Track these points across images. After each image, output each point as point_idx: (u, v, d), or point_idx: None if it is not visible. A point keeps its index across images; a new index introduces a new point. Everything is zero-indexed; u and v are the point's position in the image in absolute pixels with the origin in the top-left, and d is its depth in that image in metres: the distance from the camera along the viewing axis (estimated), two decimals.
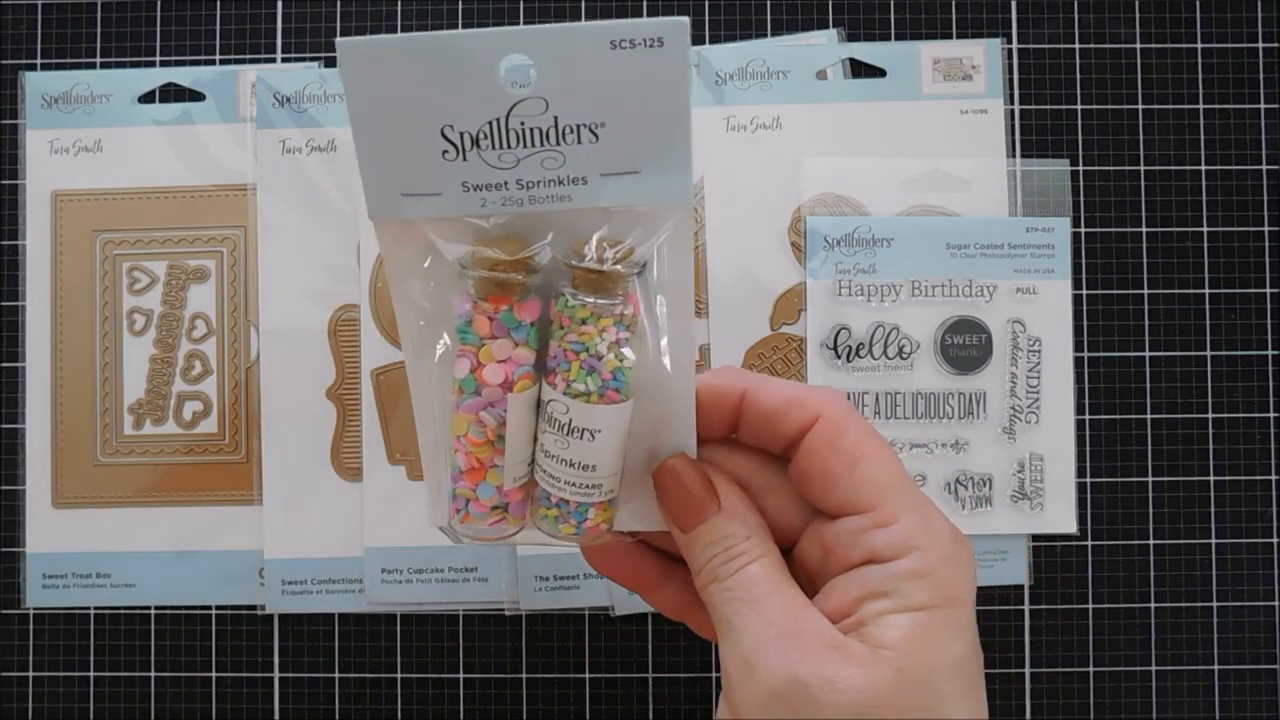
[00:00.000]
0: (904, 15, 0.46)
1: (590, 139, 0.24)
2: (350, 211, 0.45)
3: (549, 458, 0.26)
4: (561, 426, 0.25)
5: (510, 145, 0.24)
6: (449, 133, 0.24)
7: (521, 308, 0.25)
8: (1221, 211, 0.46)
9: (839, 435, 0.26)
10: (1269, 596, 0.45)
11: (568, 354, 0.25)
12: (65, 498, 0.45)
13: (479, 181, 0.24)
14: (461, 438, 0.26)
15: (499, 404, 0.26)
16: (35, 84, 0.46)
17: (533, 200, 0.25)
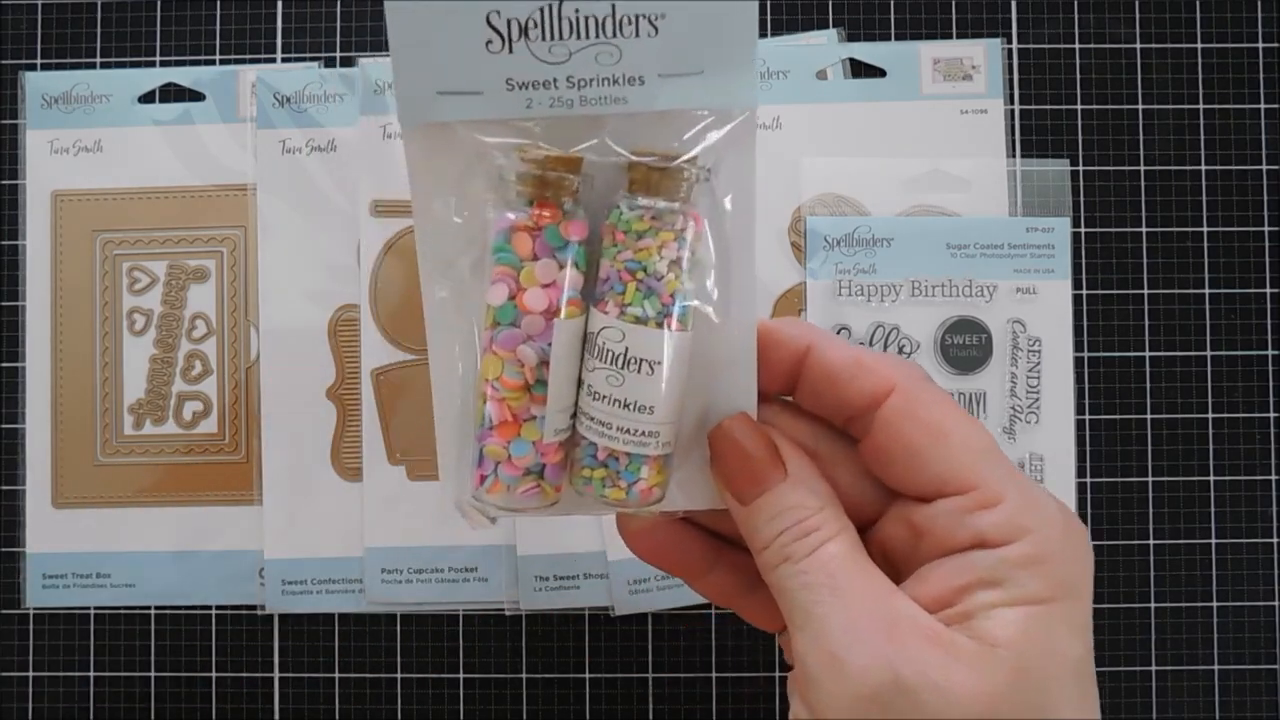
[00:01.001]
0: (904, 15, 0.46)
1: (649, 32, 0.22)
2: (350, 211, 0.45)
3: (598, 400, 0.23)
4: (615, 358, 0.22)
5: (562, 36, 0.21)
6: (495, 20, 0.21)
7: (569, 225, 0.22)
8: (1221, 211, 0.46)
9: (919, 406, 0.23)
10: (1269, 596, 0.45)
11: (623, 274, 0.22)
12: (65, 498, 0.45)
13: (525, 78, 0.22)
14: (494, 382, 0.23)
15: (540, 337, 0.23)
16: (35, 84, 0.46)
17: (584, 101, 0.22)
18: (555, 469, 0.24)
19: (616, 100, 0.22)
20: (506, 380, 0.23)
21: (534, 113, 0.22)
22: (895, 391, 0.23)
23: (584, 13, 0.21)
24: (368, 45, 0.46)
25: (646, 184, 0.22)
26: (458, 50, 0.22)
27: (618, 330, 0.22)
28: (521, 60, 0.22)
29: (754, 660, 0.45)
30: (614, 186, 0.23)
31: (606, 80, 0.22)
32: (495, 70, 0.22)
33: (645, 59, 0.22)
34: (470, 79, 0.22)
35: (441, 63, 0.22)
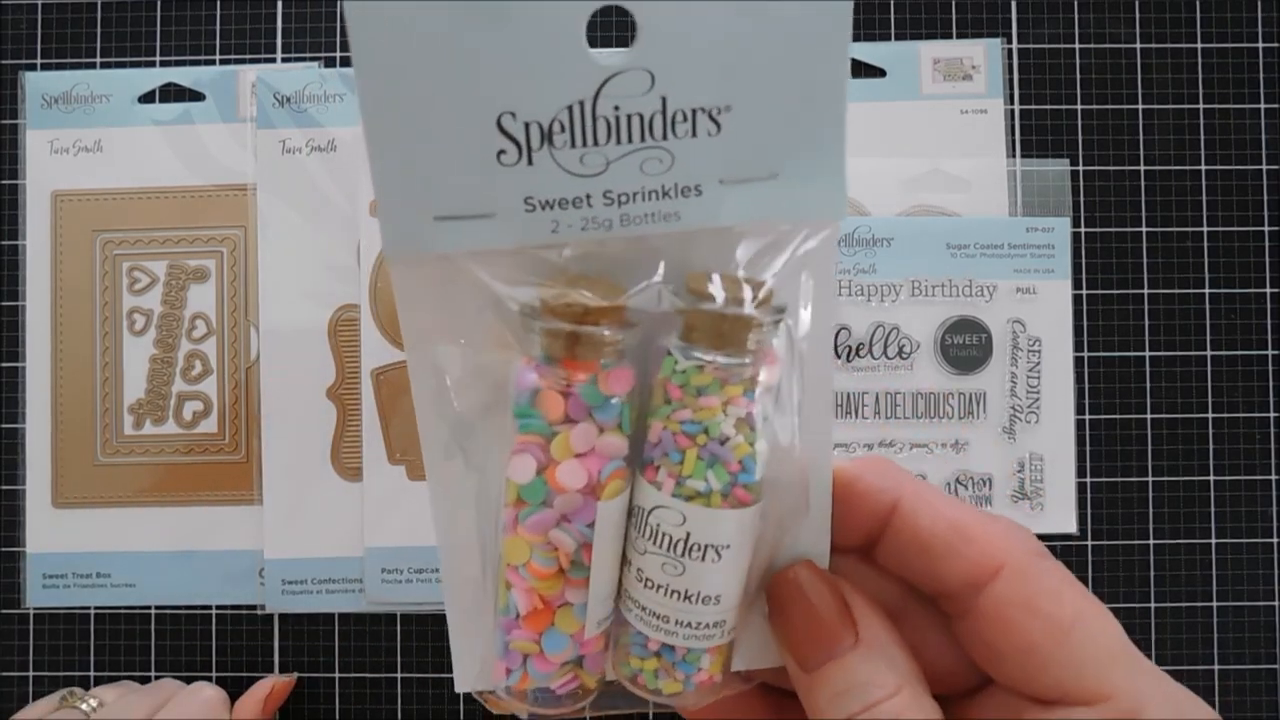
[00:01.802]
0: (904, 15, 0.46)
1: (710, 130, 0.17)
2: (350, 211, 0.45)
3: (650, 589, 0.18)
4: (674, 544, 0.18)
5: (598, 141, 0.17)
6: (508, 124, 0.16)
7: (610, 377, 0.18)
8: (1221, 211, 0.45)
9: (1037, 594, 0.19)
10: (1269, 596, 0.45)
11: (679, 439, 0.18)
12: (65, 498, 0.45)
13: (550, 196, 0.17)
14: (520, 568, 0.18)
15: (578, 517, 0.18)
16: (35, 84, 0.46)
17: (626, 220, 0.17)
18: (596, 657, 0.19)
19: (668, 217, 0.17)
20: (536, 567, 0.18)
21: (563, 237, 0.17)
22: (1004, 573, 0.19)
23: (625, 110, 0.17)
24: None
25: (708, 335, 0.18)
26: (460, 162, 0.17)
27: (676, 512, 0.18)
28: (545, 173, 0.17)
29: None
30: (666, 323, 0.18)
31: (655, 193, 0.17)
32: (511, 186, 0.17)
33: (704, 163, 0.17)
34: (478, 199, 0.17)
35: (439, 179, 0.17)
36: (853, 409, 0.44)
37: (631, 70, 0.16)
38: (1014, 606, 0.19)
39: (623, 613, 0.19)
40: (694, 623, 0.18)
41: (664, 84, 0.17)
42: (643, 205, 0.17)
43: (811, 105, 0.17)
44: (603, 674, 0.20)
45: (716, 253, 0.18)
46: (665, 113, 0.17)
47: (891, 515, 0.20)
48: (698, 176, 0.17)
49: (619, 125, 0.17)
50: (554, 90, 0.16)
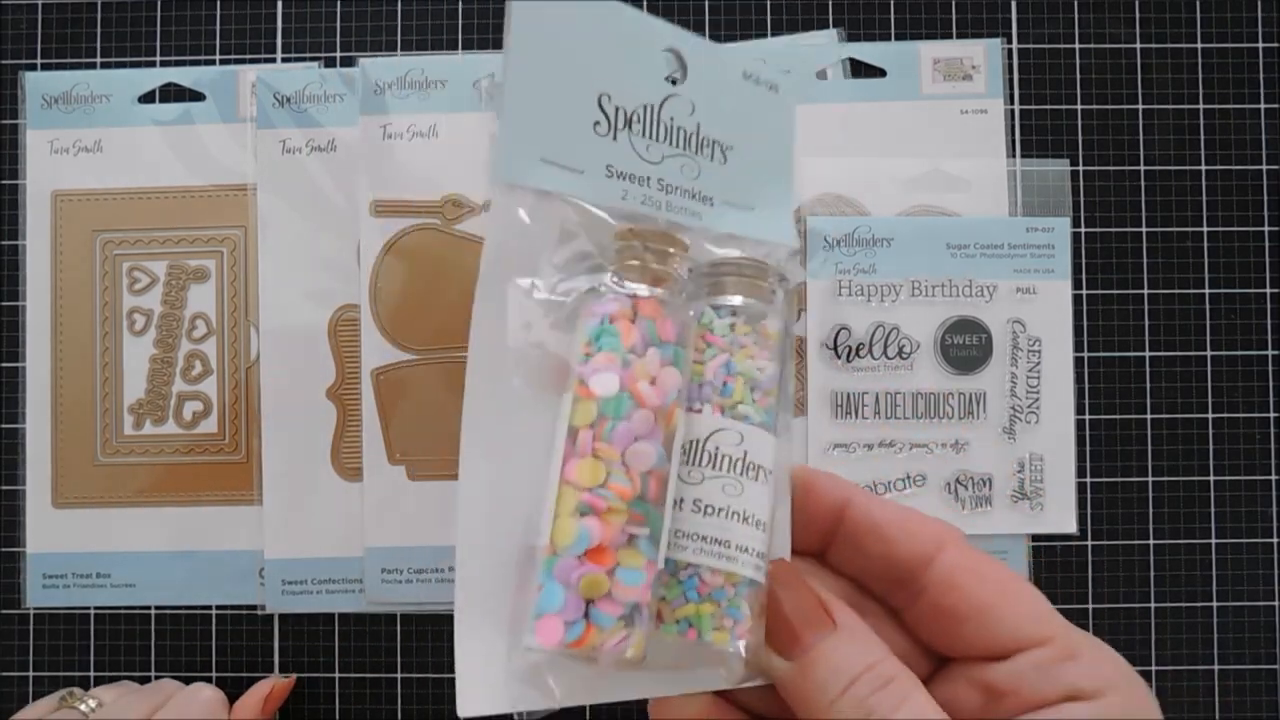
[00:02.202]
0: (904, 15, 0.46)
1: (720, 159, 0.23)
2: (350, 211, 0.45)
3: (711, 515, 0.20)
4: (733, 463, 0.20)
5: (659, 138, 0.23)
6: (605, 103, 0.22)
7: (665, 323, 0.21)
8: (1221, 211, 0.45)
9: (980, 561, 0.22)
10: (1269, 596, 0.45)
11: (727, 378, 0.21)
12: (65, 498, 0.45)
13: (625, 169, 0.22)
14: (598, 490, 0.19)
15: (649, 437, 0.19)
16: (35, 84, 0.46)
17: (670, 207, 0.23)
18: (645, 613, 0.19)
19: (693, 215, 0.23)
20: (618, 486, 0.18)
21: (629, 203, 0.22)
22: (950, 549, 0.22)
23: (677, 122, 0.23)
24: (367, 45, 0.46)
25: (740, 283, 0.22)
26: (568, 122, 0.22)
27: (734, 433, 0.20)
28: (623, 150, 0.22)
29: None
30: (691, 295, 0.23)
31: (687, 193, 0.23)
32: (599, 153, 0.22)
33: (715, 183, 0.24)
34: (576, 154, 0.22)
35: (552, 129, 0.21)
36: (853, 409, 0.44)
37: (683, 96, 0.23)
38: (965, 571, 0.22)
39: (678, 559, 0.20)
40: (749, 548, 0.20)
41: (700, 113, 0.23)
42: (680, 199, 0.23)
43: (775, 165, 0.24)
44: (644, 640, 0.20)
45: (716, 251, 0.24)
46: (698, 135, 0.23)
47: (844, 514, 0.22)
48: (711, 192, 0.23)
49: (672, 131, 0.23)
50: (638, 89, 0.22)
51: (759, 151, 0.24)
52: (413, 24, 0.46)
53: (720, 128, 0.23)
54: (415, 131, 0.45)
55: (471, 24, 0.46)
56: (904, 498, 0.44)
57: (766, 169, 0.24)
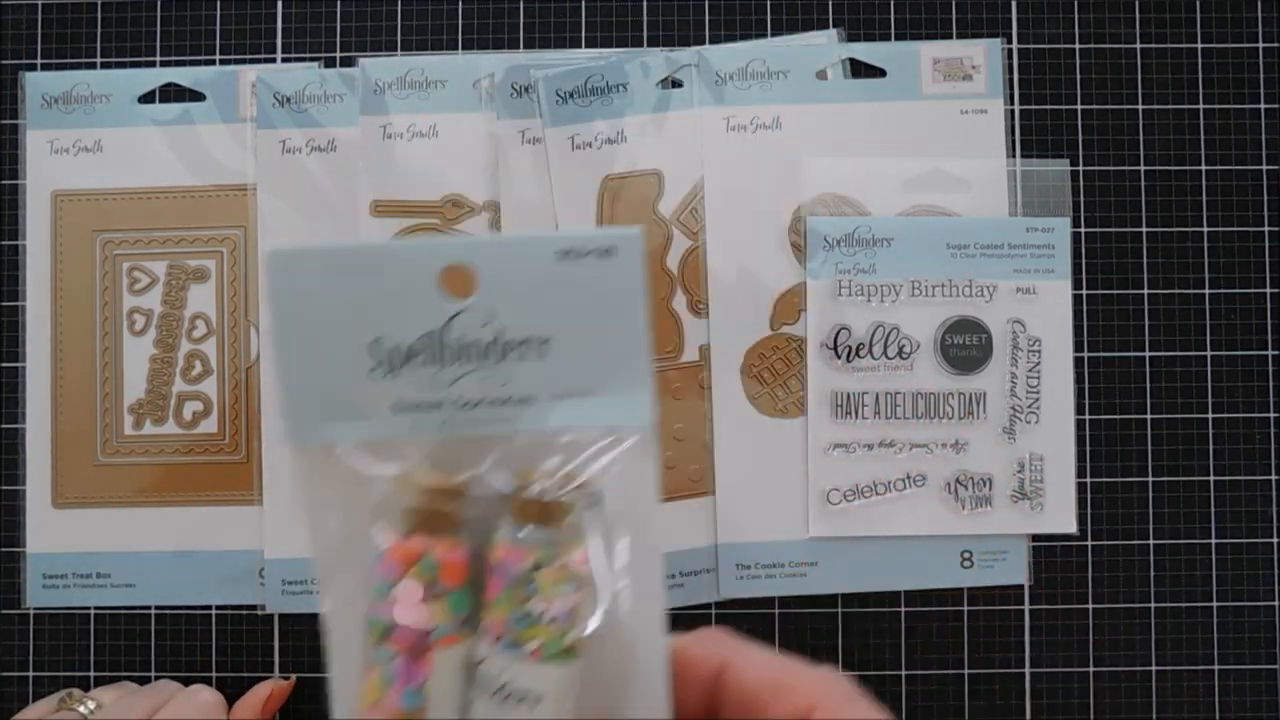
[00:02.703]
0: (904, 15, 0.46)
1: (536, 355, 0.22)
2: (350, 211, 0.45)
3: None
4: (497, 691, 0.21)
5: (445, 362, 0.22)
6: (378, 347, 0.22)
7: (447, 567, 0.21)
8: (1221, 211, 0.46)
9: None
10: (1269, 596, 0.45)
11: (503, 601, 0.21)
12: (65, 498, 0.45)
13: (411, 401, 0.22)
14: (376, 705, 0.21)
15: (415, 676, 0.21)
16: (35, 84, 0.46)
17: (472, 423, 0.22)
18: None
19: (505, 420, 0.22)
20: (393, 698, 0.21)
21: (419, 434, 0.22)
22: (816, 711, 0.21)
23: (467, 338, 0.22)
24: (367, 45, 0.46)
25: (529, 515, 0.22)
26: (344, 375, 0.22)
27: (496, 662, 0.21)
28: (407, 385, 0.22)
29: None
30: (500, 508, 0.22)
31: (495, 402, 0.22)
32: (381, 394, 0.22)
33: (534, 381, 0.22)
34: (356, 405, 0.22)
35: (328, 387, 0.22)
36: (853, 409, 0.44)
37: (472, 309, 0.22)
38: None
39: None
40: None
41: (501, 319, 0.22)
42: (486, 410, 0.22)
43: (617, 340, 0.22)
44: None
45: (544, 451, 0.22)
46: (500, 340, 0.22)
47: (722, 677, 0.22)
48: (528, 390, 0.22)
49: (464, 350, 0.22)
50: (414, 321, 0.22)
51: (591, 332, 0.22)
52: (413, 24, 0.46)
53: (529, 324, 0.22)
54: (415, 131, 0.45)
55: (471, 24, 0.46)
56: (904, 498, 0.44)
57: (606, 347, 0.22)
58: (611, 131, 0.44)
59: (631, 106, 0.44)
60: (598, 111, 0.44)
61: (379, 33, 0.46)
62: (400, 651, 0.21)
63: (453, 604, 0.21)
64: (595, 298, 0.22)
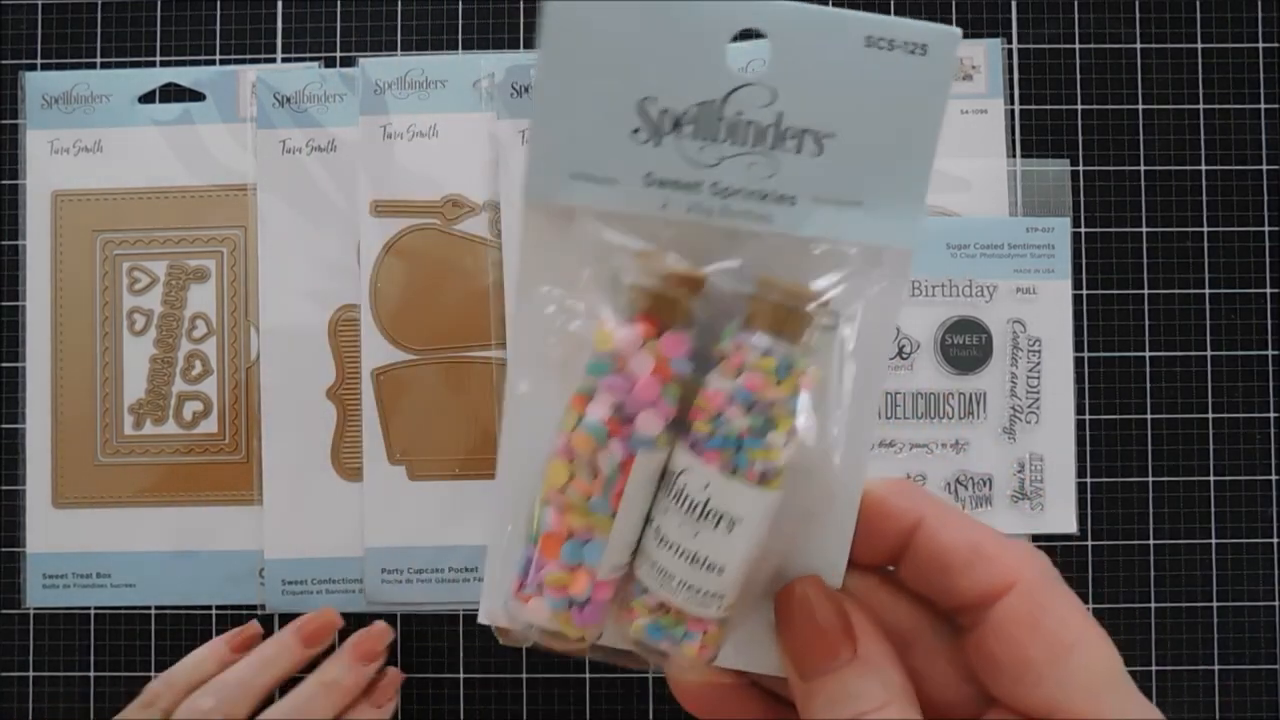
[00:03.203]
0: (904, 15, 0.46)
1: (813, 150, 0.20)
2: (350, 211, 0.45)
3: (664, 546, 0.20)
4: (694, 506, 0.20)
5: (718, 138, 0.20)
6: (649, 106, 0.19)
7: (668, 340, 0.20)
8: (1221, 211, 0.46)
9: (1042, 613, 0.20)
10: (1269, 596, 0.45)
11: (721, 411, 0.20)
12: (65, 498, 0.45)
13: (667, 176, 0.20)
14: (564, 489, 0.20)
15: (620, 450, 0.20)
16: (35, 84, 0.46)
17: (726, 212, 0.20)
18: (599, 607, 0.21)
19: (760, 218, 0.20)
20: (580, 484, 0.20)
21: (669, 213, 0.20)
22: (1015, 590, 0.20)
23: (748, 116, 0.20)
24: (368, 45, 0.46)
25: (766, 319, 0.20)
26: (602, 132, 0.20)
27: (701, 476, 0.20)
28: (668, 156, 0.20)
29: None
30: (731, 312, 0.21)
31: (755, 195, 0.20)
32: (637, 161, 0.20)
33: (803, 178, 0.20)
34: (608, 165, 0.20)
35: (581, 141, 0.20)
36: None
37: (758, 85, 0.19)
38: (1018, 623, 0.20)
39: (638, 571, 0.21)
40: (695, 587, 0.20)
41: (783, 102, 0.20)
42: (743, 202, 0.20)
43: (904, 148, 0.20)
44: (600, 627, 0.21)
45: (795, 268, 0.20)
46: (779, 126, 0.20)
47: (914, 533, 0.21)
48: (794, 189, 0.20)
49: (740, 128, 0.20)
50: (692, 87, 0.20)
51: (880, 134, 0.20)
52: (413, 24, 0.46)
53: (817, 114, 0.20)
54: (415, 131, 0.45)
55: (471, 24, 0.46)
56: None
57: (889, 154, 0.20)
58: None
59: None
60: None
61: (379, 33, 0.46)
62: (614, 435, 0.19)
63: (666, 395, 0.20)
64: (894, 96, 0.20)
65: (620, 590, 0.21)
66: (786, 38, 0.19)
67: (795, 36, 0.19)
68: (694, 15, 0.19)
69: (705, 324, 0.21)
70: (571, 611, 0.20)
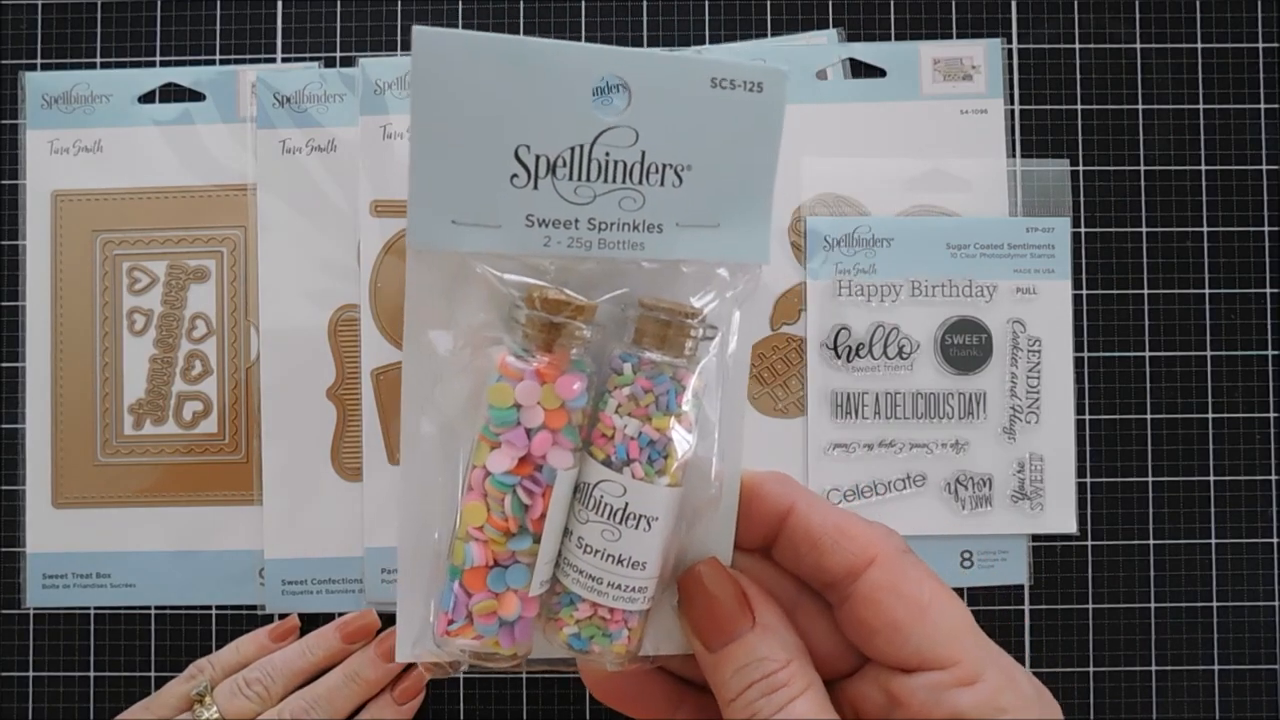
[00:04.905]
0: (904, 15, 0.46)
1: (674, 182, 0.22)
2: (350, 211, 0.45)
3: (589, 554, 0.22)
4: (613, 513, 0.22)
5: (589, 178, 0.21)
6: (524, 154, 0.21)
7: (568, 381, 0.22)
8: (1221, 211, 0.46)
9: (902, 580, 0.23)
10: (1269, 596, 0.45)
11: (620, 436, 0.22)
12: (65, 498, 0.45)
13: (547, 216, 0.22)
14: (483, 527, 0.22)
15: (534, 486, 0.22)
16: (35, 84, 0.46)
17: (603, 244, 0.22)
18: (528, 624, 0.23)
19: (634, 246, 0.22)
20: (495, 520, 0.22)
21: (552, 250, 0.22)
22: (876, 563, 0.23)
23: (614, 156, 0.22)
24: (368, 45, 0.46)
25: (655, 338, 0.22)
26: (482, 179, 0.21)
27: (618, 485, 0.22)
28: (546, 197, 0.21)
29: None
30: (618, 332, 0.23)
31: (627, 225, 0.22)
32: (517, 204, 0.21)
33: (666, 208, 0.22)
34: (490, 211, 0.21)
35: (463, 190, 0.21)
36: (853, 409, 0.44)
37: (622, 127, 0.21)
38: (883, 590, 0.23)
39: (560, 579, 0.23)
40: (623, 585, 0.22)
41: (645, 141, 0.22)
42: (617, 234, 0.22)
43: (749, 174, 0.22)
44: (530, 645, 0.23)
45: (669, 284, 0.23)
46: (643, 163, 0.22)
47: (787, 517, 0.24)
48: (660, 217, 0.22)
49: (608, 168, 0.22)
50: (563, 133, 0.21)
51: (728, 164, 0.22)
52: (413, 24, 0.46)
53: (674, 149, 0.22)
54: None
55: (472, 24, 0.46)
56: (904, 497, 0.44)
57: (738, 181, 0.22)
58: None
59: None
60: None
61: (379, 33, 0.46)
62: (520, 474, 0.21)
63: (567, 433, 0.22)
64: (738, 129, 0.22)
65: (543, 604, 0.23)
66: (643, 82, 0.21)
67: (650, 81, 0.21)
68: (560, 66, 0.21)
69: (598, 345, 0.23)
70: (501, 633, 0.22)
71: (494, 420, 0.22)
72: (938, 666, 0.22)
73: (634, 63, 0.21)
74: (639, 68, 0.21)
